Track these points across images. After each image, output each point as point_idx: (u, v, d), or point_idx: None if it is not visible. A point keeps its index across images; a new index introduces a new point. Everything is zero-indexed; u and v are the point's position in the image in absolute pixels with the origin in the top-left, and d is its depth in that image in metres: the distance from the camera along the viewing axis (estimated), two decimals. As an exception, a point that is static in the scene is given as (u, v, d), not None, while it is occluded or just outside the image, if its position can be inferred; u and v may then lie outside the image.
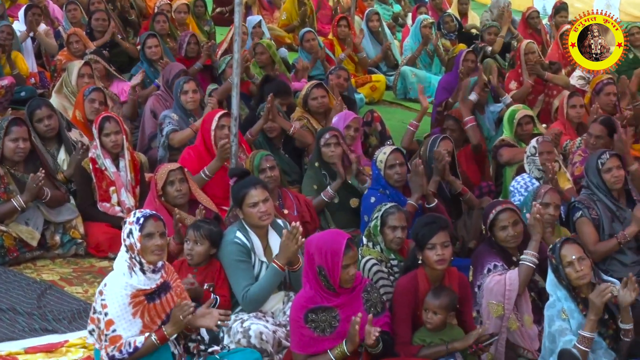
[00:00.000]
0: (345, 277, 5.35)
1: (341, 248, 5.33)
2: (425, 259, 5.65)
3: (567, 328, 5.50)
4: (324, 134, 7.90)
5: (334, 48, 13.11)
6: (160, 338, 5.19)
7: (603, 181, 7.05)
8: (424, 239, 5.63)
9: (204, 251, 6.20)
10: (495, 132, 9.90)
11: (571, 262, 5.53)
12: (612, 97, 9.49)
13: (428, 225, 5.69)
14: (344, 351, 5.35)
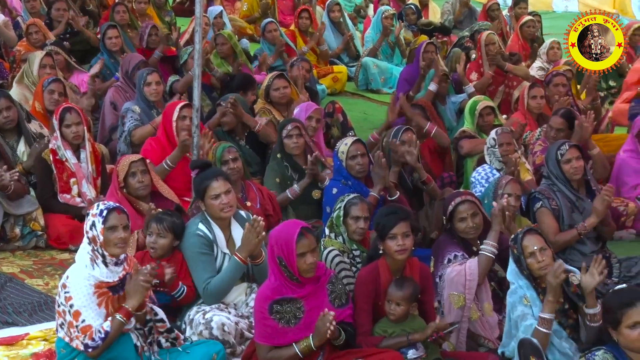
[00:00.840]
0: (302, 266, 5.35)
1: (293, 237, 5.34)
2: (386, 248, 5.67)
3: (529, 313, 5.54)
4: (286, 125, 7.90)
5: (296, 39, 13.10)
6: (125, 314, 5.18)
7: (562, 172, 7.11)
8: (385, 229, 5.65)
9: (167, 243, 6.18)
10: (456, 122, 9.96)
11: (533, 253, 5.57)
12: (560, 88, 9.58)
13: (389, 216, 5.71)
14: (310, 346, 5.35)
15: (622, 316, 4.67)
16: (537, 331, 5.40)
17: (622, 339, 4.70)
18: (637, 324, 4.64)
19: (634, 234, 8.22)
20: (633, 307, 4.66)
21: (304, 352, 5.37)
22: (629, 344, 4.68)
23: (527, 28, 12.85)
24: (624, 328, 4.67)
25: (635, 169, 8.55)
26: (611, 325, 4.73)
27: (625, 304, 4.68)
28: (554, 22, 19.15)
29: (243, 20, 15.89)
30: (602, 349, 4.75)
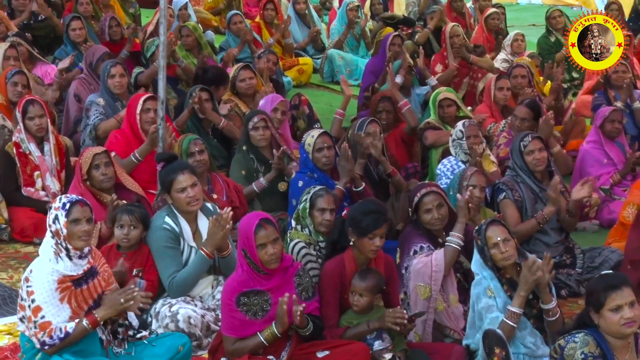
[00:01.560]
0: (263, 257, 5.36)
1: (252, 228, 5.36)
2: (361, 245, 5.64)
3: (494, 305, 5.55)
4: (252, 118, 7.88)
5: (261, 31, 13.06)
6: (92, 322, 5.13)
7: (525, 163, 7.16)
8: (368, 229, 5.59)
9: (138, 235, 6.19)
10: (421, 114, 9.99)
11: (496, 244, 5.59)
12: (520, 79, 9.64)
13: (372, 215, 5.63)
14: (274, 332, 5.36)
15: (605, 299, 4.68)
16: (503, 324, 5.42)
17: (603, 322, 4.72)
18: (619, 307, 4.66)
19: (597, 224, 8.29)
20: (618, 290, 4.68)
21: (268, 340, 5.38)
22: (609, 327, 4.70)
23: (492, 20, 12.90)
24: (606, 311, 4.68)
25: (598, 160, 8.64)
26: (594, 307, 4.74)
27: (611, 287, 4.70)
28: (518, 14, 19.31)
29: (208, 12, 15.82)
30: (582, 331, 4.77)
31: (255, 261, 5.39)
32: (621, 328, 4.67)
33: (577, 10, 19.66)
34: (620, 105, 9.52)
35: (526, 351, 5.52)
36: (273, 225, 5.45)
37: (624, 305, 4.66)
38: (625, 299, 4.67)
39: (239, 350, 5.41)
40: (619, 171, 8.55)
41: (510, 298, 5.55)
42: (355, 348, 5.46)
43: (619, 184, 8.49)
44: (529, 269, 5.40)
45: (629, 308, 4.66)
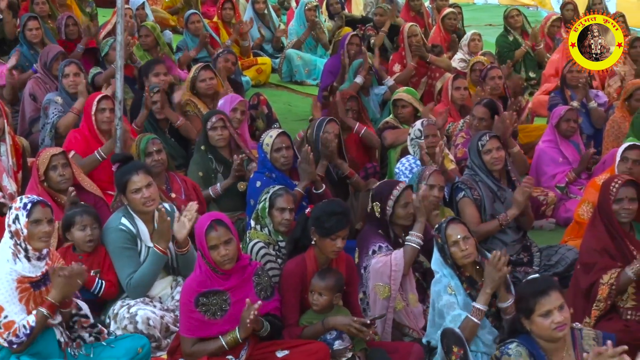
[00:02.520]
0: (216, 258, 5.36)
1: (203, 229, 5.37)
2: (323, 246, 5.65)
3: (455, 302, 5.58)
4: (211, 118, 7.85)
5: (219, 31, 13.04)
6: (49, 307, 5.13)
7: (483, 162, 7.20)
8: (331, 230, 5.60)
9: (99, 235, 6.16)
10: (380, 114, 10.03)
11: (456, 242, 5.62)
12: (497, 80, 9.67)
13: (338, 216, 5.64)
14: (236, 338, 5.36)
15: (535, 305, 4.70)
16: (468, 320, 5.45)
17: (534, 328, 4.74)
18: (549, 312, 4.68)
19: (554, 223, 8.37)
20: (546, 295, 4.70)
21: (230, 344, 5.38)
22: (541, 333, 4.72)
23: (449, 20, 12.97)
24: (536, 317, 4.70)
25: (554, 159, 8.71)
26: (524, 314, 4.77)
27: (539, 293, 4.71)
28: (474, 14, 19.41)
29: (166, 12, 15.76)
30: (515, 341, 4.78)
31: (210, 262, 5.40)
32: (553, 332, 4.69)
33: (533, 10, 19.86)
34: (576, 104, 9.62)
35: (485, 349, 5.56)
36: (226, 226, 5.44)
37: (553, 309, 4.68)
38: (554, 304, 4.70)
39: (198, 352, 5.40)
40: (575, 170, 8.62)
41: (470, 296, 5.59)
42: (314, 347, 5.48)
43: (575, 183, 8.57)
44: (494, 266, 5.44)
45: (559, 312, 4.69)
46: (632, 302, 5.97)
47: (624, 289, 5.93)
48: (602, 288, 5.91)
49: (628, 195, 6.10)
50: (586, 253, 6.15)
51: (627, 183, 6.15)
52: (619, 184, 6.13)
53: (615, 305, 5.99)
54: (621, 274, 5.87)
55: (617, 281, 5.88)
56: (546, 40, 13.29)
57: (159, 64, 9.39)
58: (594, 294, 5.92)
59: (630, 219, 6.13)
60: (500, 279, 5.46)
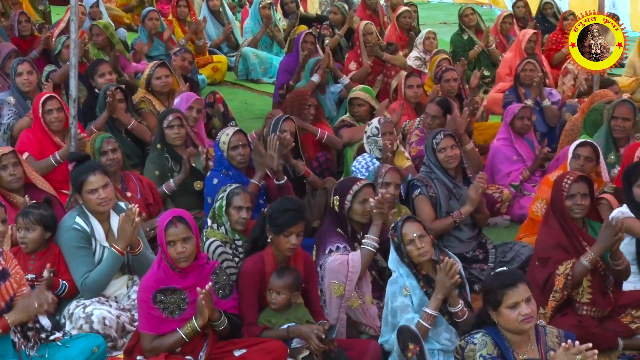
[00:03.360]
0: (173, 254, 5.36)
1: (162, 225, 5.38)
2: (278, 243, 5.66)
3: (409, 305, 5.62)
4: (167, 116, 7.83)
5: (174, 29, 12.98)
6: (3, 327, 5.06)
7: (438, 160, 7.25)
8: (283, 226, 5.61)
9: (37, 237, 6.06)
10: (336, 112, 10.05)
11: (412, 240, 5.64)
12: (452, 83, 9.70)
13: (288, 212, 5.66)
14: (194, 327, 5.36)
15: (502, 297, 4.75)
16: (419, 324, 5.49)
17: (501, 320, 4.80)
18: (516, 304, 4.73)
19: (509, 220, 8.44)
20: (514, 287, 4.76)
21: (188, 335, 5.38)
22: (508, 325, 4.78)
23: (404, 18, 13.02)
24: (504, 308, 4.76)
25: (508, 157, 8.78)
26: (491, 306, 4.82)
27: (507, 285, 4.77)
28: (429, 13, 19.55)
29: (120, 9, 15.68)
30: (480, 331, 4.84)
31: (167, 258, 5.39)
32: (519, 324, 4.75)
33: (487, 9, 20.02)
34: (530, 102, 9.71)
35: (441, 347, 5.59)
36: (186, 224, 5.43)
37: (520, 302, 4.74)
38: (522, 296, 4.76)
39: (158, 347, 5.39)
40: (529, 167, 8.70)
41: (426, 294, 5.63)
42: (271, 346, 5.48)
43: (529, 180, 8.64)
44: (446, 273, 5.47)
45: (526, 304, 4.75)
46: (587, 296, 6.05)
47: (580, 280, 5.99)
48: (558, 278, 5.97)
49: (580, 191, 6.18)
50: (541, 248, 6.22)
51: (579, 179, 6.22)
52: (571, 180, 6.20)
53: (572, 300, 6.06)
54: (576, 264, 5.94)
55: (573, 271, 5.94)
56: (500, 38, 13.41)
57: (103, 64, 9.33)
58: (550, 286, 5.98)
59: (583, 214, 6.20)
60: (451, 286, 5.50)
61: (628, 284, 6.36)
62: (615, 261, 5.96)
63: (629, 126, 8.18)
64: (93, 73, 9.17)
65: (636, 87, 12.07)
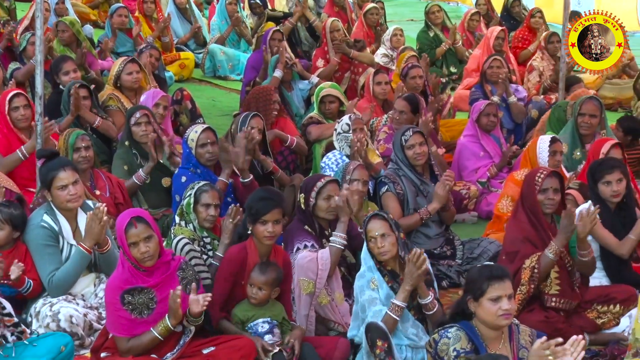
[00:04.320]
0: (136, 255, 5.34)
1: (122, 226, 5.35)
2: (256, 232, 5.69)
3: (377, 298, 5.62)
4: (134, 113, 7.80)
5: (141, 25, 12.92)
6: None
7: (407, 157, 7.27)
8: (258, 214, 5.66)
9: (5, 235, 6.01)
10: (304, 109, 10.05)
11: (374, 238, 5.64)
12: (417, 80, 9.72)
13: (264, 201, 5.72)
14: (167, 326, 5.34)
15: (488, 287, 4.76)
16: (387, 316, 5.49)
17: (480, 311, 4.80)
18: (499, 298, 4.74)
19: (476, 216, 8.49)
20: (501, 281, 4.78)
21: (162, 334, 5.36)
22: (486, 317, 4.79)
23: (371, 15, 13.07)
24: (486, 300, 4.77)
25: (475, 153, 8.83)
26: (474, 295, 4.82)
27: (495, 277, 4.78)
28: (396, 9, 19.59)
29: (86, 6, 15.58)
30: (454, 326, 4.85)
31: (131, 259, 5.37)
32: (497, 319, 4.76)
33: (453, 6, 20.10)
34: (497, 99, 9.78)
35: (408, 342, 5.60)
36: (145, 223, 5.41)
37: (503, 296, 4.76)
38: (506, 291, 4.78)
39: (135, 348, 5.38)
40: (496, 164, 8.75)
41: (392, 289, 5.63)
42: (240, 343, 5.49)
43: (496, 177, 8.70)
44: (414, 263, 5.48)
45: (507, 300, 4.77)
46: (556, 287, 6.10)
47: (546, 273, 6.05)
48: (525, 272, 6.02)
49: (553, 186, 6.24)
50: (510, 243, 6.28)
51: (552, 174, 6.30)
52: (544, 175, 6.27)
53: (541, 292, 6.11)
54: (541, 257, 6.00)
55: (539, 264, 6.00)
56: (466, 35, 13.49)
57: (67, 61, 9.25)
58: (517, 280, 6.03)
59: (553, 210, 6.26)
60: (419, 277, 5.50)
61: (594, 280, 6.44)
62: (582, 251, 6.06)
63: (595, 123, 8.28)
64: (57, 70, 9.11)
65: (601, 83, 12.20)
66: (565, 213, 6.01)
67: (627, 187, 6.60)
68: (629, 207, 6.66)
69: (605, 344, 6.07)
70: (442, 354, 4.79)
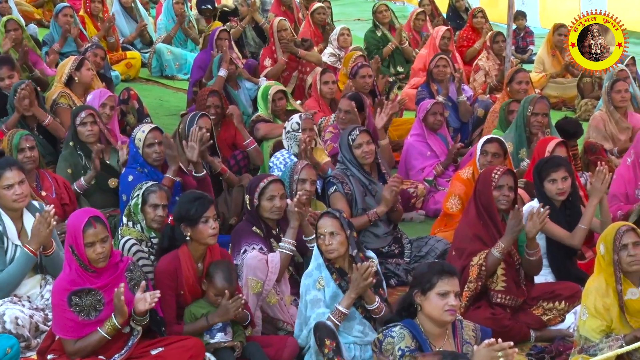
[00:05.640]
0: (91, 255, 5.30)
1: (80, 226, 5.31)
2: (199, 234, 5.67)
3: (321, 299, 5.67)
4: (79, 113, 7.73)
5: (86, 25, 12.81)
6: None
7: (354, 156, 7.30)
8: (198, 214, 5.65)
9: None
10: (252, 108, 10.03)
11: (323, 235, 5.69)
12: (367, 79, 9.76)
13: (198, 200, 5.71)
14: (114, 325, 5.31)
15: (437, 281, 4.82)
16: (329, 320, 5.53)
17: (427, 305, 4.85)
18: (447, 293, 4.80)
19: (424, 215, 8.54)
20: (450, 277, 4.84)
21: (110, 333, 5.33)
22: (432, 311, 4.84)
23: (318, 15, 13.09)
24: (433, 294, 4.82)
25: (422, 152, 8.88)
26: (422, 288, 4.86)
27: (444, 272, 4.85)
28: (343, 9, 19.64)
29: (30, 5, 15.40)
30: (398, 325, 4.89)
31: (83, 259, 5.32)
32: (443, 314, 4.82)
33: (400, 5, 20.21)
34: (442, 98, 9.85)
35: (355, 340, 5.65)
36: (103, 224, 5.39)
37: (451, 292, 4.82)
38: (454, 287, 4.85)
39: (82, 349, 5.34)
40: (442, 162, 8.82)
41: (339, 287, 5.67)
42: (189, 343, 5.48)
43: (442, 175, 8.76)
44: (361, 275, 5.53)
45: (454, 297, 4.83)
46: (502, 284, 6.17)
47: (493, 270, 6.13)
48: (472, 269, 6.11)
49: (508, 184, 6.36)
50: (460, 239, 6.36)
51: (507, 172, 6.42)
52: (500, 172, 6.38)
53: (487, 289, 6.18)
54: (488, 254, 6.09)
55: (486, 262, 6.08)
56: (413, 34, 13.57)
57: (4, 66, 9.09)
58: (465, 277, 6.10)
59: (507, 207, 6.34)
60: (364, 287, 5.56)
61: (539, 277, 6.52)
62: (530, 250, 6.15)
63: (546, 122, 8.41)
64: None
65: (545, 82, 12.36)
66: (513, 213, 6.10)
67: (572, 186, 6.70)
68: (574, 205, 6.75)
69: (551, 340, 6.14)
70: (387, 353, 4.83)
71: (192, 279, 5.71)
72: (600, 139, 9.30)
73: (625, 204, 7.45)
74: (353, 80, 9.76)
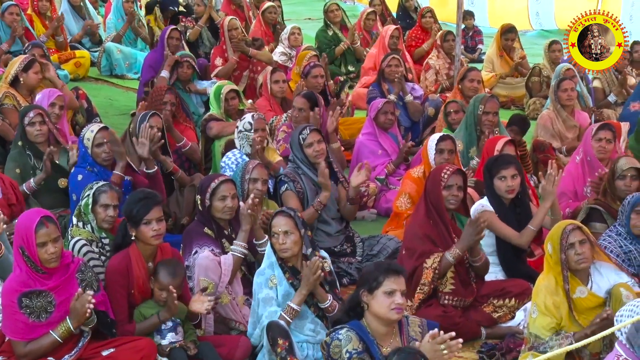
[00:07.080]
0: (43, 256, 5.26)
1: (32, 226, 5.26)
2: (142, 235, 5.66)
3: (273, 297, 5.68)
4: (28, 113, 7.64)
5: (34, 23, 12.67)
6: None
7: (306, 155, 7.31)
8: (140, 215, 5.63)
9: None
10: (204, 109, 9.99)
11: (277, 234, 5.70)
12: (319, 79, 9.75)
13: (142, 201, 5.69)
14: (68, 328, 5.28)
15: (384, 280, 4.84)
16: (281, 318, 5.55)
17: (374, 304, 4.87)
18: (393, 292, 4.82)
19: (375, 213, 8.57)
20: (397, 276, 4.87)
21: (62, 337, 5.29)
22: (378, 310, 4.86)
23: (269, 14, 13.08)
24: (380, 292, 4.84)
25: (373, 151, 8.91)
26: (369, 287, 4.88)
27: (392, 271, 4.87)
28: (294, 8, 19.65)
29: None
30: (344, 327, 4.90)
31: (34, 260, 5.27)
32: (390, 312, 4.84)
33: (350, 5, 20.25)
34: (394, 97, 9.89)
35: (307, 338, 5.67)
36: (54, 224, 5.35)
37: (397, 290, 4.84)
38: (400, 286, 4.87)
39: (33, 351, 5.29)
40: (393, 161, 8.86)
41: (292, 285, 5.68)
42: (140, 344, 5.47)
43: (394, 174, 8.80)
44: (310, 269, 5.55)
45: (401, 295, 4.86)
46: (450, 286, 6.23)
47: (444, 273, 6.18)
48: (427, 272, 6.15)
49: (457, 183, 6.41)
50: (410, 238, 6.39)
51: (457, 172, 6.46)
52: (450, 172, 6.42)
53: (436, 290, 6.22)
54: (442, 258, 6.13)
55: (440, 265, 6.13)
56: (363, 34, 13.61)
57: None
58: (417, 278, 6.14)
59: (456, 206, 6.41)
60: (314, 282, 5.58)
61: (489, 274, 6.57)
62: (473, 257, 6.22)
63: (497, 121, 8.49)
64: None
65: (495, 82, 12.47)
66: (470, 221, 6.14)
67: (522, 184, 6.76)
68: (523, 204, 6.81)
69: (501, 337, 6.20)
70: (335, 356, 4.84)
71: (143, 278, 5.69)
72: (548, 137, 9.40)
73: (573, 201, 7.54)
74: (305, 79, 9.77)
